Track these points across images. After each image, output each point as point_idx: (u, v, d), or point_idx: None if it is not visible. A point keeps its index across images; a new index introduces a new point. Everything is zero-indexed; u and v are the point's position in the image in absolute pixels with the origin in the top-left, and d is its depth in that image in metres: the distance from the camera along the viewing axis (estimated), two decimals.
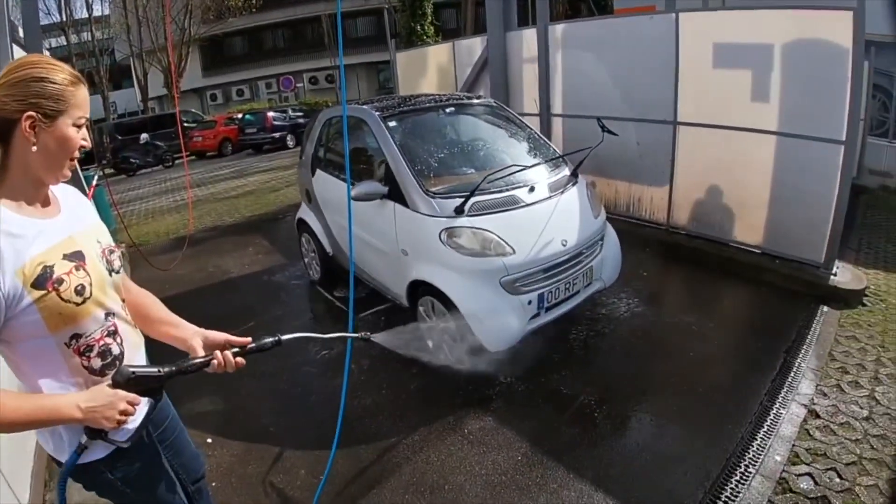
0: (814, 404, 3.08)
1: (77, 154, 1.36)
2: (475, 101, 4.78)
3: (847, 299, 4.18)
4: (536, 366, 3.67)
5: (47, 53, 6.09)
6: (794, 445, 2.78)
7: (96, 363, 1.38)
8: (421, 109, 4.38)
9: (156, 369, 1.42)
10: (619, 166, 6.04)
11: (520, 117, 4.78)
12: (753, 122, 4.70)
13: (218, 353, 1.52)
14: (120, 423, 1.32)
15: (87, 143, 1.38)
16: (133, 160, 18.89)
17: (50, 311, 1.26)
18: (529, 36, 6.86)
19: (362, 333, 2.00)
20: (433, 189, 3.58)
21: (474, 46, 8.04)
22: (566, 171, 4.05)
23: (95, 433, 1.35)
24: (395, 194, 3.69)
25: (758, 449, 2.77)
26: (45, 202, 1.38)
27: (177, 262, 6.49)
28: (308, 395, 3.62)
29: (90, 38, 27.44)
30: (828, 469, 2.61)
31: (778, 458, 2.71)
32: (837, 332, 3.82)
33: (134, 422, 1.46)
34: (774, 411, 3.04)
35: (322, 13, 30.94)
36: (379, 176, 3.88)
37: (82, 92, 1.34)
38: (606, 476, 2.69)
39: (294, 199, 6.12)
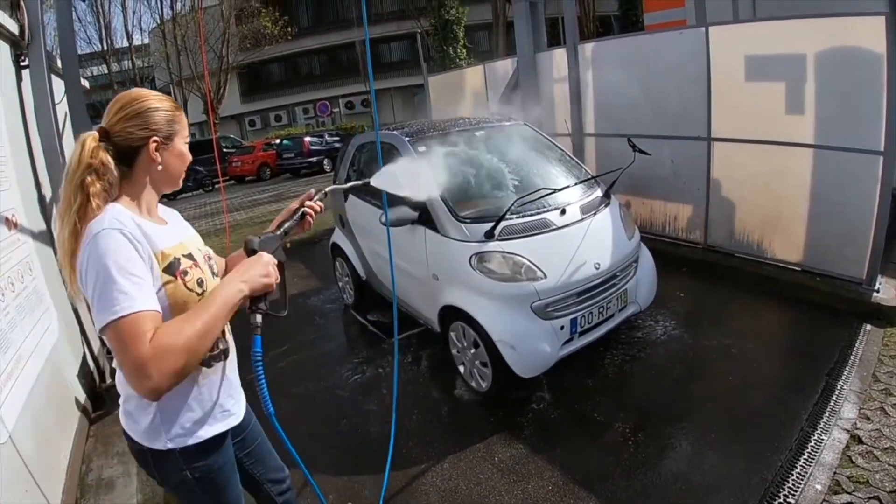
0: (856, 429, 2.93)
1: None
2: (505, 123, 4.77)
3: (891, 317, 4.00)
4: (570, 391, 3.60)
5: (86, 83, 6.33)
6: (835, 473, 2.65)
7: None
8: (450, 133, 4.39)
9: (270, 232, 1.65)
10: (653, 185, 5.96)
11: (551, 139, 4.76)
12: (789, 136, 4.59)
13: (305, 207, 1.75)
14: (274, 279, 1.50)
15: (190, 158, 1.61)
16: None
17: (175, 298, 1.42)
18: (559, 56, 6.86)
19: (363, 181, 2.16)
20: (463, 214, 3.58)
21: (505, 68, 8.08)
22: (598, 193, 4.01)
23: (256, 303, 1.51)
24: (426, 219, 3.70)
25: (798, 477, 2.65)
26: (156, 213, 1.58)
27: None
28: (339, 419, 3.62)
29: (131, 67, 28.49)
30: (870, 498, 2.47)
31: (819, 486, 2.59)
32: (881, 351, 3.65)
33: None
34: (816, 437, 2.90)
35: (356, 39, 31.59)
36: (410, 202, 3.89)
37: (183, 116, 1.57)
38: None
39: (330, 224, 6.23)
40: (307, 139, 21.38)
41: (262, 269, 1.48)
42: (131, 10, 29.45)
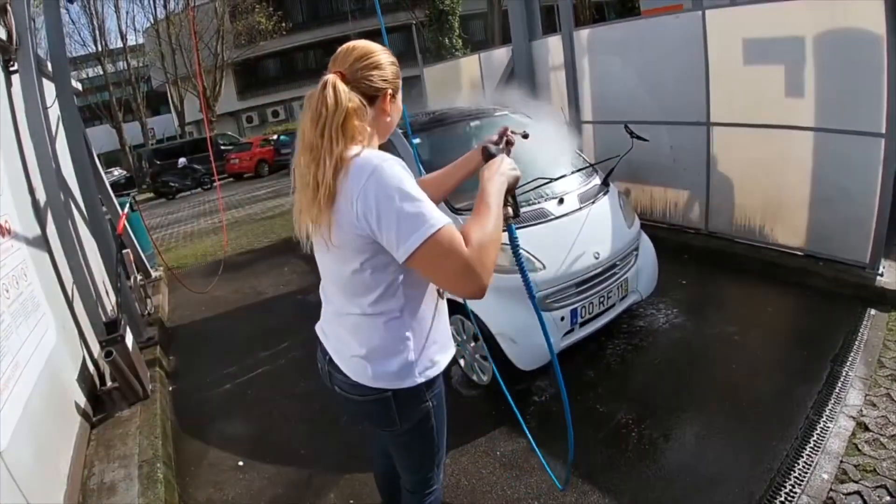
0: (862, 416, 2.90)
1: None
2: (501, 112, 4.72)
3: (895, 301, 3.96)
4: (571, 383, 3.55)
5: (77, 85, 6.27)
6: (842, 461, 2.62)
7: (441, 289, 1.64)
8: (445, 123, 4.35)
9: (496, 147, 1.74)
10: (653, 171, 5.91)
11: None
12: (789, 119, 4.52)
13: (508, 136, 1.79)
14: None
15: None
16: (172, 184, 19.48)
17: None
18: (555, 43, 6.79)
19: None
20: (459, 205, 3.54)
21: (501, 57, 8.01)
22: (597, 181, 3.97)
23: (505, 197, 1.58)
24: None
25: (804, 466, 2.62)
26: None
27: (213, 285, 6.60)
28: (339, 417, 3.59)
29: (126, 67, 28.36)
30: (878, 486, 2.44)
31: (825, 475, 2.56)
32: (886, 336, 3.61)
33: None
34: (821, 425, 2.87)
35: (351, 32, 31.37)
36: None
37: None
38: (644, 499, 2.59)
39: None
40: None
41: (510, 164, 1.60)
42: (124, 10, 29.17)
